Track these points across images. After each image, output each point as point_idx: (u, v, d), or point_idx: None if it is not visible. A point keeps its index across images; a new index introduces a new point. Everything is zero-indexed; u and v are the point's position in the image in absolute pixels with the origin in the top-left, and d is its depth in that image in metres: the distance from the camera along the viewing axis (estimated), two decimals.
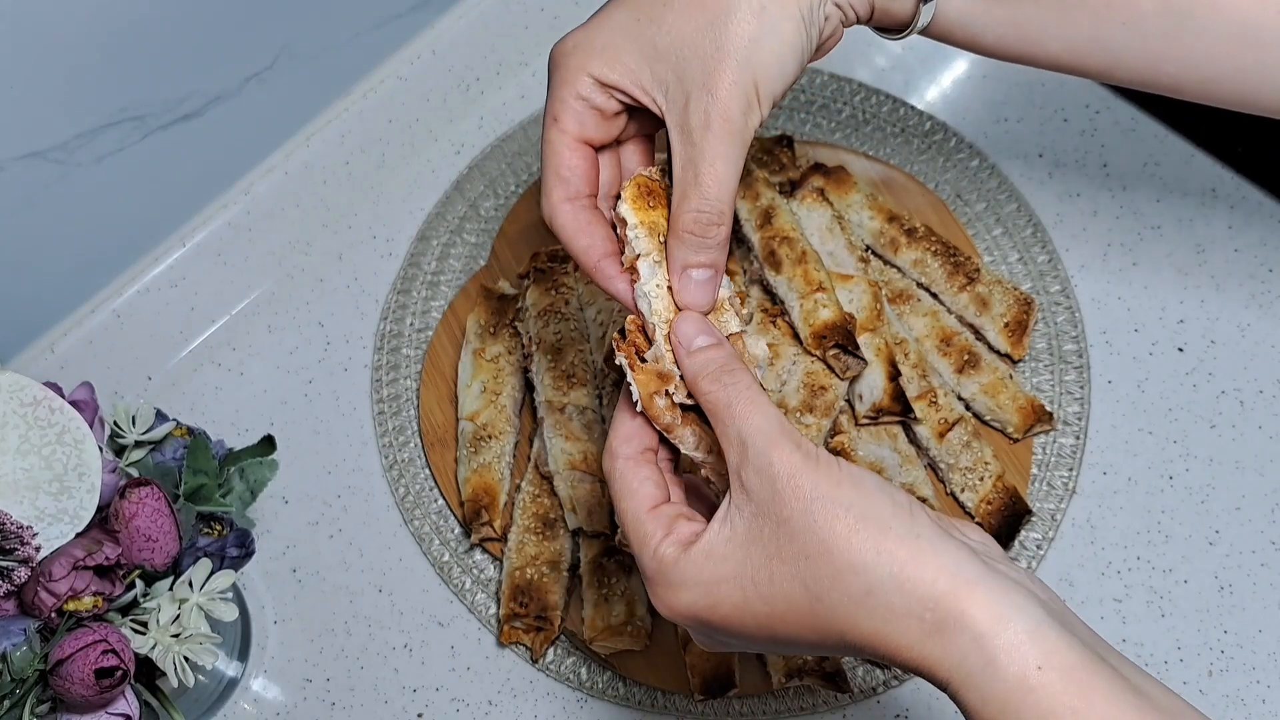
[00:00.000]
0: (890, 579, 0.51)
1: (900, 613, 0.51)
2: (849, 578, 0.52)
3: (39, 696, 0.67)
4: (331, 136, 0.98)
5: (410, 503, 0.90)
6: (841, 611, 0.52)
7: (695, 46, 0.59)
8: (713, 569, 0.55)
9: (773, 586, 0.53)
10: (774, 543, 0.53)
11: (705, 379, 0.57)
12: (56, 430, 0.70)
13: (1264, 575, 0.83)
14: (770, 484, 0.54)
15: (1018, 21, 0.64)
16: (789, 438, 0.54)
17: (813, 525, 0.53)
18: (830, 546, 0.52)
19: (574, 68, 0.61)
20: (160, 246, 0.94)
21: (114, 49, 0.81)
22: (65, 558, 0.66)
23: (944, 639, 0.51)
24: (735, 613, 0.55)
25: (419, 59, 1.00)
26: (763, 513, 0.54)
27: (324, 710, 0.85)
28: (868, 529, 0.52)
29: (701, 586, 0.55)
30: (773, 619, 0.54)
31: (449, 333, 0.95)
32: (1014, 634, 0.50)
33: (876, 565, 0.52)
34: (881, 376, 0.84)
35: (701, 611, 0.55)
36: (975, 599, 0.50)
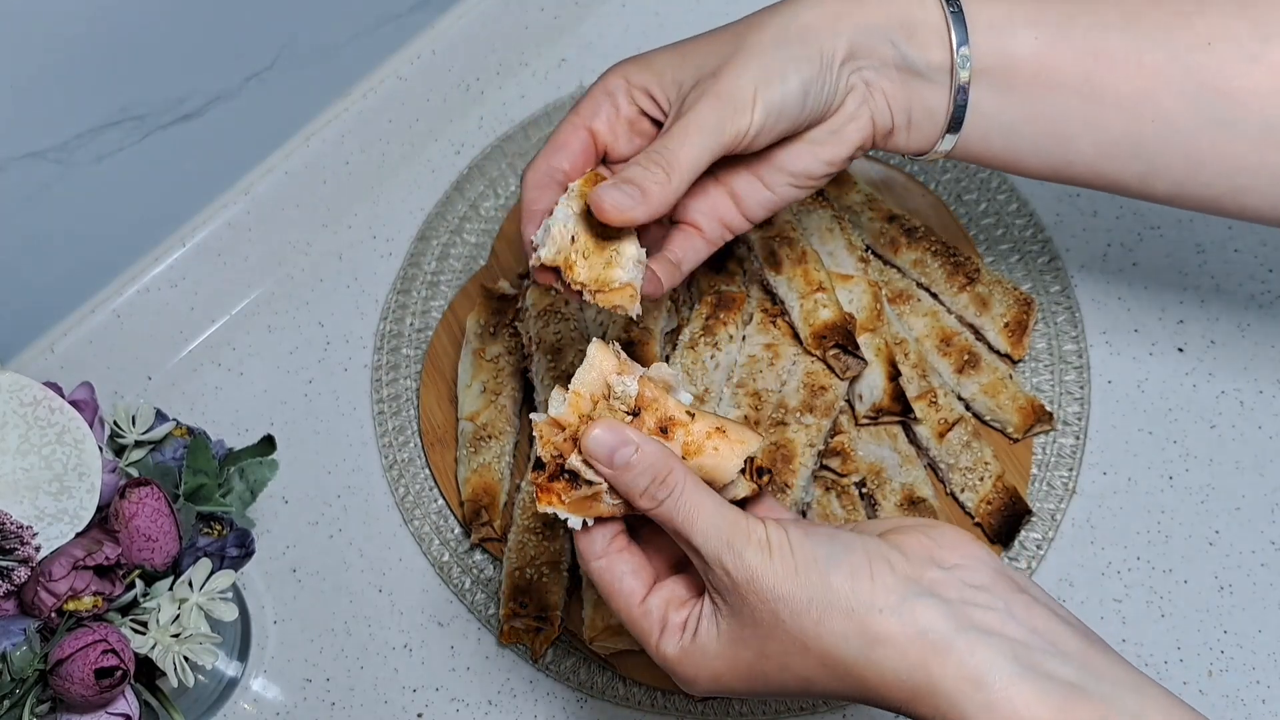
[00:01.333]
0: (861, 663, 0.54)
1: (880, 687, 0.54)
2: (829, 666, 0.55)
3: (39, 696, 0.67)
4: (331, 136, 0.98)
5: (410, 503, 0.90)
6: (833, 689, 0.56)
7: (717, 54, 0.65)
8: (711, 664, 0.58)
9: (767, 677, 0.57)
10: (755, 643, 0.56)
11: (642, 498, 0.57)
12: (56, 430, 0.70)
13: (1264, 575, 0.83)
14: (733, 590, 0.56)
15: (1050, 119, 0.65)
16: (740, 536, 0.56)
17: (781, 627, 0.55)
18: (803, 644, 0.55)
19: (612, 72, 0.68)
20: (160, 246, 0.94)
21: (114, 49, 0.81)
22: (65, 558, 0.66)
23: (922, 705, 0.53)
24: (747, 690, 0.58)
25: (419, 59, 1.00)
26: (735, 614, 0.56)
27: (324, 710, 0.85)
28: (832, 619, 0.54)
29: (707, 678, 0.58)
30: (781, 695, 0.58)
31: (449, 333, 0.95)
32: (985, 696, 0.52)
33: (846, 654, 0.54)
34: (881, 376, 0.84)
35: (717, 692, 0.59)
36: (944, 669, 0.53)
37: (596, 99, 0.67)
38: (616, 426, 0.57)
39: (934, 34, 0.64)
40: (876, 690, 0.54)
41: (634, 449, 0.56)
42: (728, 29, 0.66)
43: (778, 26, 0.64)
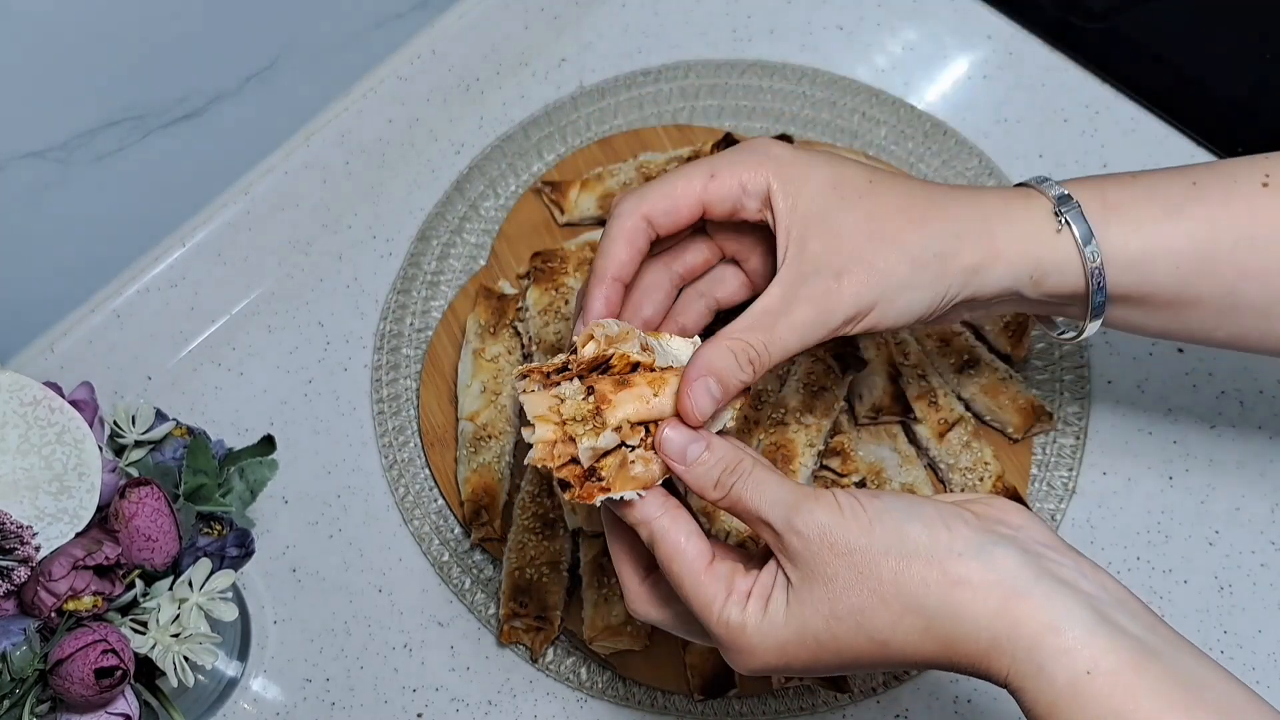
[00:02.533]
0: (943, 609, 0.54)
1: (959, 638, 0.54)
2: (906, 619, 0.54)
3: (39, 696, 0.67)
4: (331, 136, 0.98)
5: (410, 503, 0.90)
6: (907, 649, 0.55)
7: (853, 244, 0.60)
8: (777, 634, 0.56)
9: (838, 642, 0.56)
10: (827, 603, 0.55)
11: (713, 490, 0.58)
12: (56, 430, 0.70)
13: (1264, 576, 0.83)
14: (807, 548, 0.55)
15: (1185, 322, 0.66)
16: (809, 499, 0.56)
17: (858, 579, 0.55)
18: (881, 595, 0.54)
19: (766, 167, 0.62)
20: (160, 246, 0.94)
21: (114, 48, 0.81)
22: (65, 557, 0.66)
23: (1000, 654, 0.53)
24: (811, 664, 0.57)
25: (419, 59, 1.00)
26: (809, 576, 0.56)
27: (324, 710, 0.85)
28: (911, 567, 0.54)
29: (772, 650, 0.57)
30: (845, 665, 0.57)
31: (449, 333, 0.95)
32: (1062, 642, 0.52)
33: (927, 600, 0.54)
34: (881, 376, 0.84)
35: (778, 668, 0.57)
36: (1024, 612, 0.53)
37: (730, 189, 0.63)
38: (683, 426, 0.58)
39: (1069, 274, 0.63)
40: (953, 641, 0.54)
41: (704, 444, 0.58)
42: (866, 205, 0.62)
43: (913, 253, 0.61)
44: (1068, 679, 0.51)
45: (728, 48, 1.05)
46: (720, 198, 0.63)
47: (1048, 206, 0.63)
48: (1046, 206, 0.63)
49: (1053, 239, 0.63)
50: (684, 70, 1.03)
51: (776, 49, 1.04)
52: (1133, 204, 0.63)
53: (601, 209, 0.96)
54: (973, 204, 0.63)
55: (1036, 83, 1.01)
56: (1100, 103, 0.99)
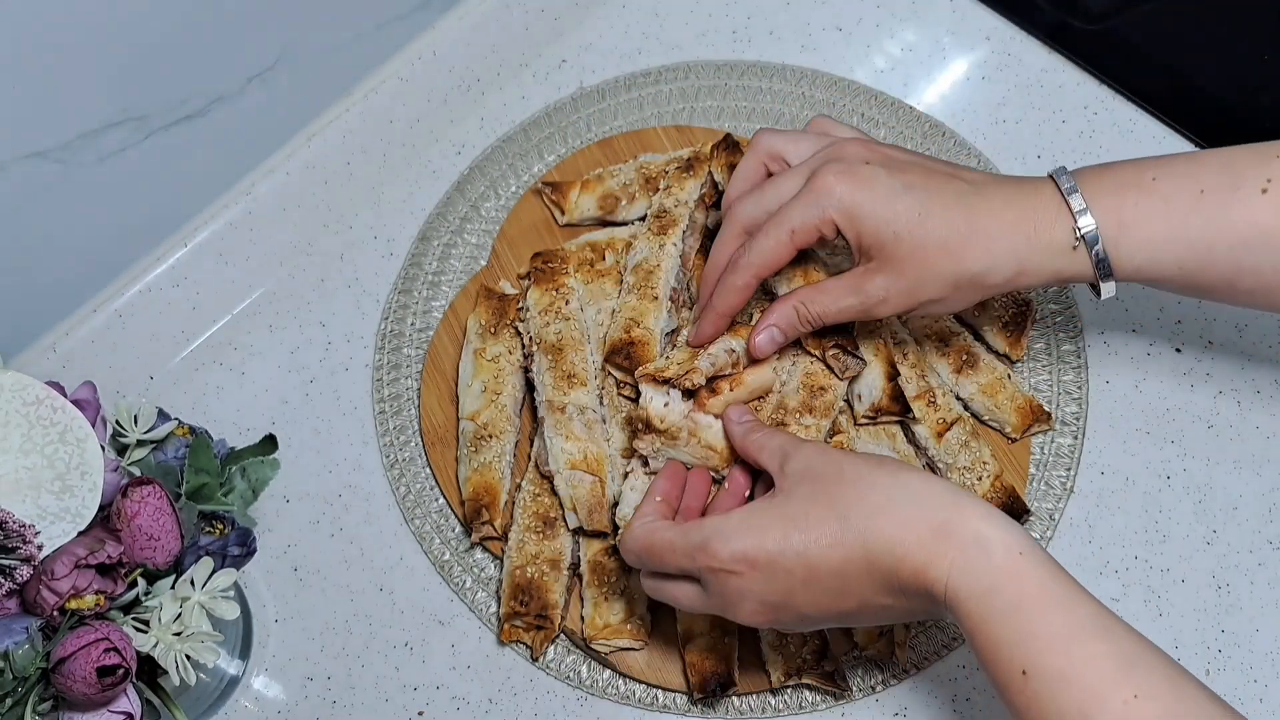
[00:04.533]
0: (902, 493, 0.66)
1: (910, 519, 0.65)
2: (870, 495, 0.66)
3: (41, 695, 0.68)
4: (333, 137, 0.98)
5: (411, 502, 0.90)
6: (862, 524, 0.65)
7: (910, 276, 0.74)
8: (756, 519, 0.68)
9: (808, 520, 0.67)
10: (810, 492, 0.68)
11: (750, 433, 0.77)
12: (59, 429, 0.70)
13: (1261, 575, 0.83)
14: (808, 458, 0.70)
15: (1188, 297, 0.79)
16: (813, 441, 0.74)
17: (842, 472, 0.68)
18: (857, 480, 0.67)
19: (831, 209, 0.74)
20: (162, 246, 0.94)
21: (116, 49, 0.81)
22: (67, 556, 0.66)
23: (946, 536, 0.63)
24: (777, 547, 0.67)
25: (420, 60, 1.00)
26: (799, 480, 0.69)
27: (325, 708, 0.85)
28: (886, 465, 0.68)
29: (751, 530, 0.68)
30: (807, 546, 0.66)
31: (450, 332, 0.95)
32: (1002, 532, 0.63)
33: (892, 484, 0.66)
34: (880, 376, 0.84)
35: (749, 550, 0.67)
36: (974, 510, 0.64)
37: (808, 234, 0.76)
38: (744, 409, 0.80)
39: (1083, 278, 0.74)
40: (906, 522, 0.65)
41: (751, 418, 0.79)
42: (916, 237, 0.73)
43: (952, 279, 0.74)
44: (1004, 554, 0.62)
45: (727, 49, 1.05)
46: (805, 240, 0.77)
47: (1070, 226, 0.72)
48: (1069, 226, 0.72)
49: (1070, 255, 0.73)
50: (684, 71, 1.04)
51: (776, 50, 1.05)
52: (1145, 222, 0.71)
53: (601, 209, 0.96)
54: (1009, 228, 0.73)
55: (1035, 84, 1.01)
56: (1098, 103, 1.00)
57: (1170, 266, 0.72)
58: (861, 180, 0.74)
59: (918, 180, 0.74)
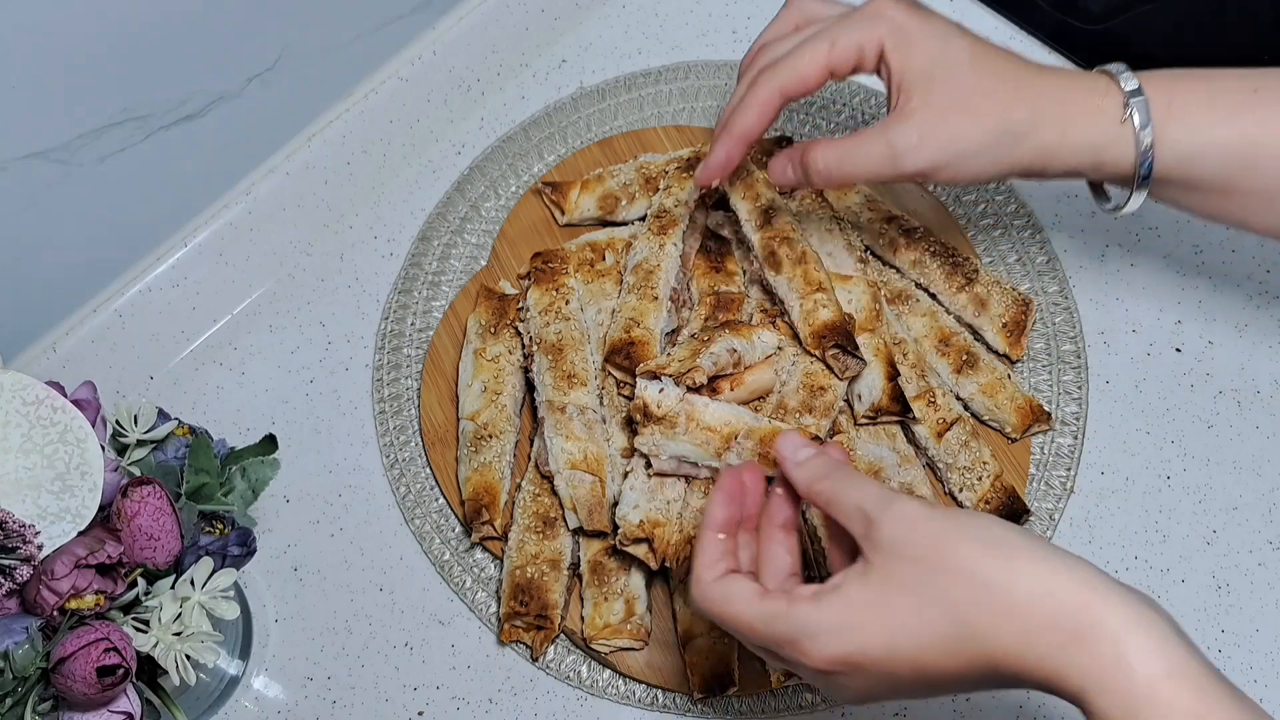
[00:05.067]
0: (1029, 594, 0.55)
1: (1041, 625, 0.55)
2: (990, 598, 0.56)
3: (41, 694, 0.68)
4: (333, 137, 0.98)
5: (411, 502, 0.90)
6: (986, 632, 0.56)
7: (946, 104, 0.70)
8: (853, 615, 0.58)
9: (919, 622, 0.57)
10: (914, 581, 0.57)
11: (817, 480, 0.63)
12: (59, 429, 0.70)
13: (1261, 575, 0.83)
14: (900, 528, 0.58)
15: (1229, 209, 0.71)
16: (902, 495, 0.60)
17: (947, 557, 0.57)
18: (969, 571, 0.56)
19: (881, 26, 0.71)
20: (162, 246, 0.94)
21: (116, 49, 0.81)
22: (67, 556, 0.66)
23: (1081, 646, 0.54)
24: (883, 652, 0.57)
25: (420, 60, 1.00)
26: (895, 558, 0.58)
27: (325, 708, 0.85)
28: (1000, 553, 0.56)
29: (846, 632, 0.58)
30: (921, 653, 0.57)
31: (450, 332, 0.95)
32: (1145, 641, 0.54)
33: (1015, 583, 0.55)
34: (880, 377, 0.84)
35: (852, 654, 0.58)
36: (1110, 608, 0.54)
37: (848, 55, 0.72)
38: (799, 436, 0.65)
39: (1125, 161, 0.70)
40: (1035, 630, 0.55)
41: (812, 449, 0.64)
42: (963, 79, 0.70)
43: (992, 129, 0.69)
44: (1148, 677, 0.53)
45: (728, 48, 1.05)
46: (842, 61, 0.72)
47: (1120, 100, 0.69)
48: (1119, 100, 0.69)
49: (1116, 129, 0.69)
50: (684, 71, 1.04)
51: None
52: (1195, 109, 0.69)
53: (601, 209, 0.96)
54: (1057, 90, 0.70)
55: None
56: None
57: (1213, 162, 0.69)
58: (919, 11, 0.72)
59: (971, 33, 0.72)
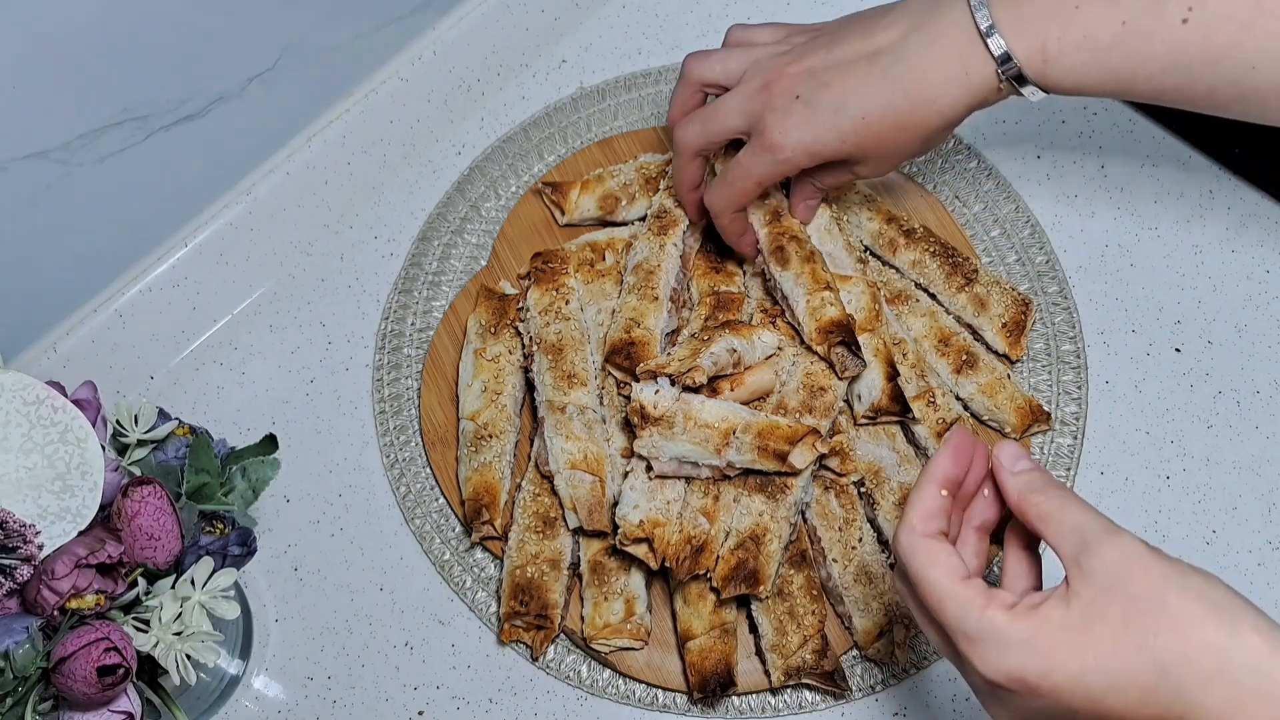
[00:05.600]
0: (1245, 662, 0.53)
1: (1253, 693, 0.52)
2: (1202, 656, 0.53)
3: (41, 694, 0.68)
4: (333, 137, 0.98)
5: (411, 501, 0.90)
6: (1190, 687, 0.53)
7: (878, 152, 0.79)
8: (1051, 636, 0.56)
9: (1116, 658, 0.54)
10: (1120, 618, 0.55)
11: (1033, 494, 0.61)
12: (59, 429, 0.70)
13: (1261, 575, 0.83)
14: (1119, 561, 0.56)
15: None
16: (1126, 531, 0.58)
17: (1165, 602, 0.54)
18: (1183, 623, 0.54)
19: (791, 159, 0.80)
20: (162, 246, 0.94)
21: (117, 49, 0.81)
22: (68, 556, 0.66)
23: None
24: (1068, 683, 0.55)
25: (420, 60, 1.00)
26: (1108, 591, 0.55)
27: (325, 708, 0.85)
28: (1222, 614, 0.54)
29: (1038, 651, 0.56)
30: (1109, 693, 0.55)
31: (450, 333, 0.95)
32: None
33: (1232, 648, 0.53)
34: (880, 377, 0.84)
35: (1032, 675, 0.56)
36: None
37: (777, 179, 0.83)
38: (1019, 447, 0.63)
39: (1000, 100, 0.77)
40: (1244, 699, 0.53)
41: (1030, 462, 0.62)
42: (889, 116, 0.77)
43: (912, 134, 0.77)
44: None
45: None
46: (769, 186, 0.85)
47: (994, 70, 0.73)
48: (994, 70, 0.73)
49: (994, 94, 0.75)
50: None
51: None
52: (1067, 54, 0.72)
53: (601, 209, 0.96)
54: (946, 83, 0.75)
55: None
56: (1097, 104, 1.00)
57: (1095, 89, 0.73)
58: (802, 121, 0.78)
59: (844, 85, 0.77)
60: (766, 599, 0.81)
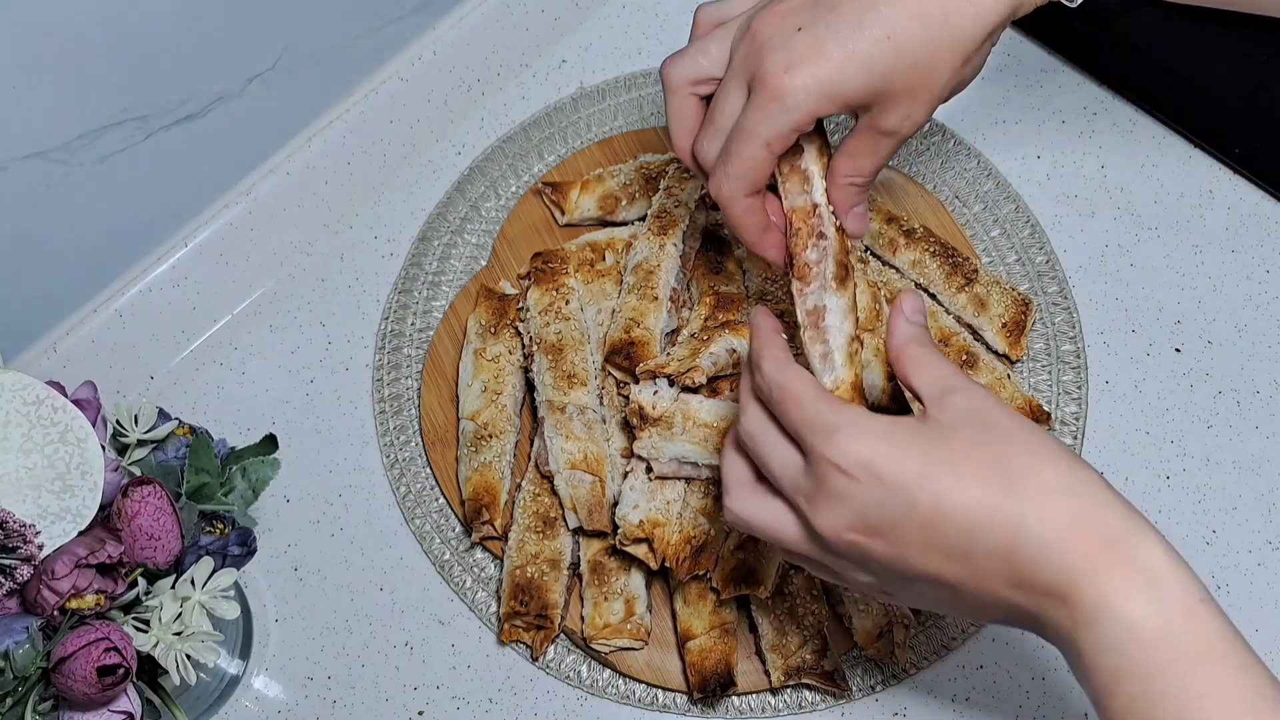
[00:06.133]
0: (1089, 487, 0.55)
1: (1085, 515, 0.55)
2: (1049, 470, 0.55)
3: (41, 694, 0.68)
4: (333, 137, 0.98)
5: (411, 501, 0.90)
6: (1030, 495, 0.55)
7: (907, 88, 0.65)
8: (906, 433, 0.57)
9: (967, 464, 0.56)
10: (976, 438, 0.56)
11: (914, 343, 0.62)
12: (59, 429, 0.70)
13: (1260, 575, 0.83)
14: (978, 402, 0.58)
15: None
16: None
17: (1020, 433, 0.57)
18: (1035, 446, 0.56)
19: (803, 108, 0.64)
20: (162, 246, 0.94)
21: (117, 49, 0.81)
22: (68, 556, 0.66)
23: (1116, 553, 0.54)
24: (915, 473, 0.56)
25: (420, 60, 1.00)
26: (968, 422, 0.57)
27: (325, 708, 0.85)
28: (1068, 451, 0.57)
29: (894, 441, 0.57)
30: (953, 489, 0.55)
31: (450, 332, 0.95)
32: (1182, 571, 0.54)
33: (1074, 471, 0.56)
34: (880, 376, 0.84)
35: (883, 460, 0.56)
36: (1155, 538, 0.55)
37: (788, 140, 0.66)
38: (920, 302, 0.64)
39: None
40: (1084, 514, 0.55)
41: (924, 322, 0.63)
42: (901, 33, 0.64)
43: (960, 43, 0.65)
44: (1181, 595, 0.53)
45: None
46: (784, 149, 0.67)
47: None
48: None
49: None
50: None
51: None
52: None
53: (601, 209, 0.96)
54: None
55: (1034, 84, 1.01)
56: (1098, 103, 1.00)
57: None
58: (809, 53, 0.64)
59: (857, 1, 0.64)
60: (766, 599, 0.81)
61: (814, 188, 0.69)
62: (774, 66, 0.64)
